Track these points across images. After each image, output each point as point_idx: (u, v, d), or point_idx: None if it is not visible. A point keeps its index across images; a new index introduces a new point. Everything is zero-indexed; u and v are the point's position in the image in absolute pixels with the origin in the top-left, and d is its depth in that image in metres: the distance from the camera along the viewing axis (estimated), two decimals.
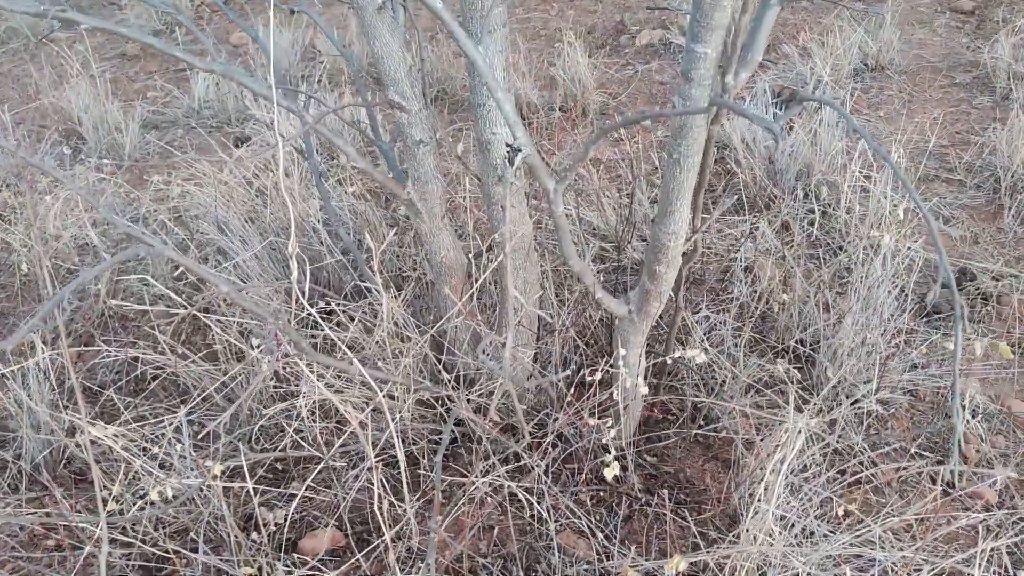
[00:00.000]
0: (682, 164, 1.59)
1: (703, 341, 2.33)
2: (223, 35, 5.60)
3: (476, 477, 1.76)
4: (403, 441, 2.05)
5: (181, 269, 2.92)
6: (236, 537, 1.82)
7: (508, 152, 1.65)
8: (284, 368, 2.11)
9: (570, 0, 5.39)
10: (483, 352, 1.63)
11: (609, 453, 1.65)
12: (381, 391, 1.67)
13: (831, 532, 1.80)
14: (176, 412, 2.34)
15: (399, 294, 2.39)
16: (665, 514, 1.95)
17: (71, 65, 4.50)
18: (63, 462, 2.27)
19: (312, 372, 1.79)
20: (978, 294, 2.71)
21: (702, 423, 2.23)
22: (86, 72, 4.50)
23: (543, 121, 3.86)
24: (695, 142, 1.55)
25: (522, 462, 1.88)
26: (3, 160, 3.89)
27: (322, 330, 2.20)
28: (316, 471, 2.00)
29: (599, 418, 1.95)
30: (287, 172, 3.20)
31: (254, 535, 1.89)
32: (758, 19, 1.55)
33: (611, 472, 1.55)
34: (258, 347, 2.07)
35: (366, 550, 1.85)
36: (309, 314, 1.60)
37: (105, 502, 1.73)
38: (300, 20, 5.24)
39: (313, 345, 2.30)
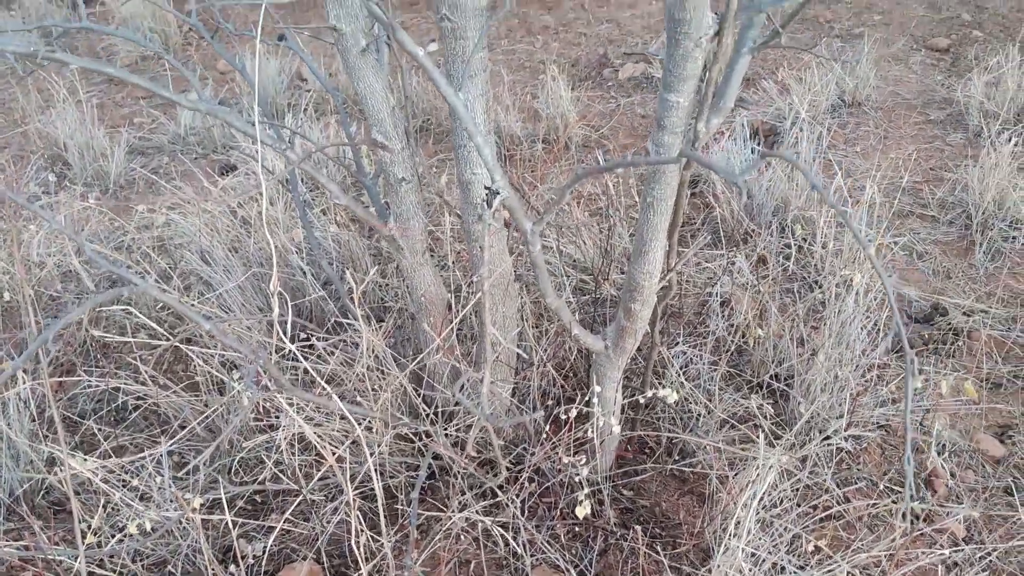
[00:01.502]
0: (656, 208, 1.63)
1: (679, 375, 2.36)
2: (211, 61, 5.65)
3: (453, 512, 1.79)
4: (381, 474, 2.07)
5: None
6: (214, 570, 1.83)
7: (487, 194, 1.69)
8: (265, 401, 2.12)
9: (555, 33, 5.48)
10: (461, 389, 1.65)
11: (583, 490, 1.68)
12: (360, 425, 1.70)
13: (801, 568, 1.84)
14: (156, 442, 2.36)
15: (380, 326, 2.42)
16: (640, 548, 1.97)
17: (58, 90, 4.52)
18: (42, 492, 2.27)
19: (292, 406, 1.81)
20: (949, 329, 2.76)
21: (678, 457, 2.26)
22: (73, 97, 4.52)
23: (526, 153, 3.92)
24: (668, 186, 1.60)
25: (499, 498, 1.90)
26: None
27: (302, 363, 2.22)
28: (295, 504, 2.02)
29: (576, 452, 1.98)
30: (271, 202, 3.23)
31: (232, 568, 1.90)
32: (730, 67, 1.60)
33: (583, 511, 1.58)
34: (239, 379, 2.08)
35: None
36: (293, 349, 1.63)
37: (84, 535, 1.74)
38: (287, 48, 5.29)
39: (293, 378, 2.32)
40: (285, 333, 1.53)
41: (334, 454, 1.61)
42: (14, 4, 7.17)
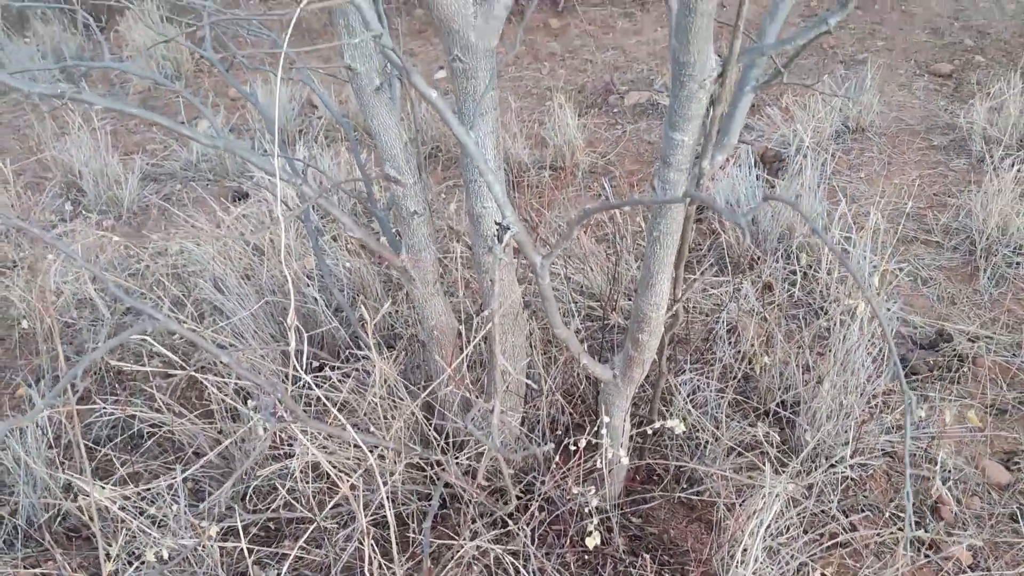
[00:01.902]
0: (662, 241, 1.67)
1: (686, 403, 2.39)
2: (222, 88, 5.73)
3: (464, 540, 1.81)
4: (393, 502, 2.10)
5: None
6: None
7: (497, 230, 1.74)
8: (279, 431, 2.16)
9: (561, 60, 5.55)
10: (472, 422, 1.69)
11: (592, 520, 1.71)
12: (372, 454, 1.73)
13: None
14: (171, 469, 2.39)
15: (391, 353, 2.46)
16: None
17: (73, 118, 4.60)
18: (58, 519, 2.31)
19: (306, 435, 1.85)
20: (955, 355, 2.79)
21: (685, 485, 2.29)
22: (88, 125, 4.59)
23: (533, 180, 3.97)
24: (674, 221, 1.64)
25: (510, 527, 1.93)
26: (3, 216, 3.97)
27: (315, 391, 2.26)
28: (308, 531, 2.05)
29: (585, 480, 2.01)
30: (286, 228, 3.28)
31: None
32: (733, 104, 1.64)
33: (593, 541, 1.60)
34: (254, 408, 2.12)
35: None
36: (307, 379, 1.67)
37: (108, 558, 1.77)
38: (298, 75, 5.37)
39: (306, 407, 2.36)
40: (300, 364, 1.57)
41: (347, 482, 1.65)
42: (28, 31, 7.29)
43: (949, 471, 2.33)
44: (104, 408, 2.47)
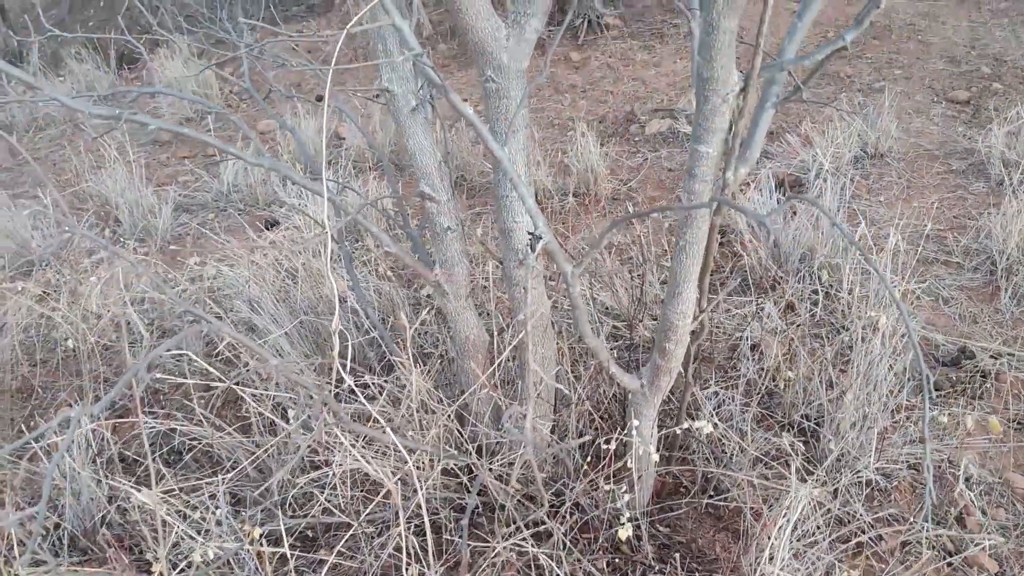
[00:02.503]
0: (688, 251, 1.74)
1: (712, 416, 2.44)
2: (251, 122, 5.89)
3: (498, 543, 1.87)
4: (428, 509, 2.16)
5: (213, 345, 3.09)
6: None
7: (530, 240, 1.82)
8: (316, 441, 2.23)
9: (582, 92, 5.67)
10: (507, 421, 1.75)
11: (624, 516, 1.76)
12: (411, 458, 1.80)
13: None
14: (210, 482, 2.46)
15: (423, 369, 2.53)
16: None
17: (108, 152, 4.76)
18: (103, 527, 2.38)
19: (346, 442, 1.92)
20: (977, 371, 2.82)
21: (712, 494, 2.33)
22: (123, 158, 4.75)
23: (557, 207, 4.05)
24: (700, 231, 1.71)
25: (541, 528, 1.98)
26: (45, 241, 4.11)
27: (353, 403, 2.33)
28: (345, 538, 2.11)
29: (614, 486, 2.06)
30: (315, 254, 3.38)
31: None
32: (755, 120, 1.72)
33: (625, 533, 1.65)
34: (294, 418, 2.20)
35: None
36: (343, 389, 1.74)
37: (150, 564, 1.84)
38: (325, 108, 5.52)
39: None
40: (344, 368, 1.64)
41: (389, 487, 1.71)
42: (63, 70, 7.53)
43: (973, 482, 2.36)
44: (147, 422, 2.55)
